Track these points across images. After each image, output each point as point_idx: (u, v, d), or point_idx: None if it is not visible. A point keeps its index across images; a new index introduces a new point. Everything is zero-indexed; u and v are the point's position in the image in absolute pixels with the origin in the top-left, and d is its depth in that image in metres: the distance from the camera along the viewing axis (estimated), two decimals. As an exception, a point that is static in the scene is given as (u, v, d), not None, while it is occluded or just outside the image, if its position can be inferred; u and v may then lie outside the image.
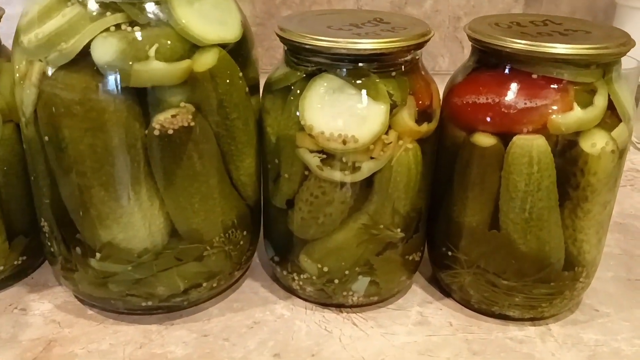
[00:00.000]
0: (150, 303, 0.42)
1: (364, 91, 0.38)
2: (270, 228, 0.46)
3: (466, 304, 0.45)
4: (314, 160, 0.40)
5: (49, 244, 0.42)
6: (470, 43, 0.42)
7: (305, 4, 0.93)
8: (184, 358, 0.40)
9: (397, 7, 0.97)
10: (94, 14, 0.35)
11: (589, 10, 0.99)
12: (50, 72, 0.36)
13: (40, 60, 0.36)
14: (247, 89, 0.40)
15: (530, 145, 0.38)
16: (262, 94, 0.43)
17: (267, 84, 0.42)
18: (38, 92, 0.37)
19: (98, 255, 0.40)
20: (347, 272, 0.43)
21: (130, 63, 0.35)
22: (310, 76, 0.40)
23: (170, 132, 0.37)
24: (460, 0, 0.95)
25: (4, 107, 0.41)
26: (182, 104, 0.37)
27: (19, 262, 0.45)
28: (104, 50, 0.35)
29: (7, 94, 0.41)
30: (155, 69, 0.35)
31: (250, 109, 0.41)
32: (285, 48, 0.41)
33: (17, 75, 0.38)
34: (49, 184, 0.40)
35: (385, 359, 0.40)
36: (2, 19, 0.43)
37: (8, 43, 0.41)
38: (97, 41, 0.35)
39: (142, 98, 0.37)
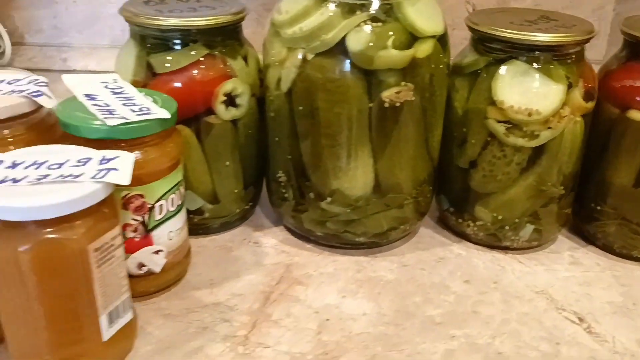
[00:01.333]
0: (359, 239, 0.54)
1: (546, 74, 0.49)
2: (448, 185, 0.56)
3: (609, 249, 0.55)
4: (500, 129, 0.50)
5: (283, 191, 0.54)
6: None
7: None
8: (394, 280, 0.51)
9: (502, 2, 1.06)
10: (346, 13, 0.46)
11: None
12: (310, 57, 0.47)
13: (303, 48, 0.47)
14: (447, 71, 0.51)
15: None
16: (451, 75, 0.53)
17: (457, 68, 0.53)
18: (298, 72, 0.48)
19: (328, 199, 0.51)
20: (517, 220, 0.53)
21: (376, 51, 0.46)
22: (496, 62, 0.50)
23: (398, 104, 0.48)
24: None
25: (252, 84, 0.53)
26: (403, 83, 0.48)
27: (247, 207, 0.58)
28: (357, 41, 0.46)
29: (253, 74, 0.53)
30: (392, 56, 0.46)
31: (446, 87, 0.52)
32: (475, 38, 0.52)
33: (273, 59, 0.50)
34: (290, 143, 0.52)
35: (554, 287, 0.51)
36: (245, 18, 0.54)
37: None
38: (352, 34, 0.46)
39: (369, 78, 0.48)
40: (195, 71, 0.50)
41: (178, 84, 0.50)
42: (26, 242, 0.35)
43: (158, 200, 0.45)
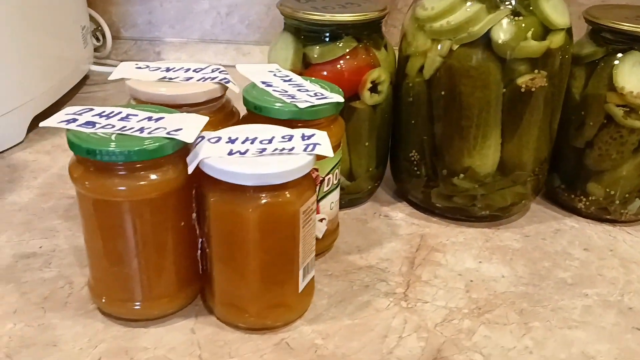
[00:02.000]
0: (483, 213, 0.60)
1: (664, 63, 0.54)
2: (561, 163, 0.62)
3: None
4: (619, 112, 0.56)
5: (415, 169, 0.60)
6: None
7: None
8: (521, 249, 0.57)
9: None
10: (490, 8, 0.52)
11: None
12: (455, 47, 0.53)
13: (449, 39, 0.53)
14: (571, 60, 0.57)
15: None
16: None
17: (575, 57, 0.58)
18: (442, 61, 0.54)
19: (461, 175, 0.57)
20: (627, 195, 0.59)
21: (517, 42, 0.52)
22: (614, 52, 0.56)
23: (533, 89, 0.54)
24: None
25: (391, 72, 0.59)
26: (537, 71, 0.54)
27: (375, 185, 0.64)
28: (502, 33, 0.52)
29: (392, 63, 0.59)
30: (532, 46, 0.52)
31: (568, 75, 0.58)
32: (593, 31, 0.58)
33: (416, 49, 0.56)
34: (426, 125, 0.58)
35: (666, 254, 0.57)
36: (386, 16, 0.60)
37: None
38: (497, 27, 0.52)
39: (504, 65, 0.54)
40: (345, 61, 0.56)
41: (330, 73, 0.56)
42: (254, 204, 0.41)
43: (327, 174, 0.51)
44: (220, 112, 0.50)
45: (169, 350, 0.43)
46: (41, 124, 0.42)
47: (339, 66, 0.56)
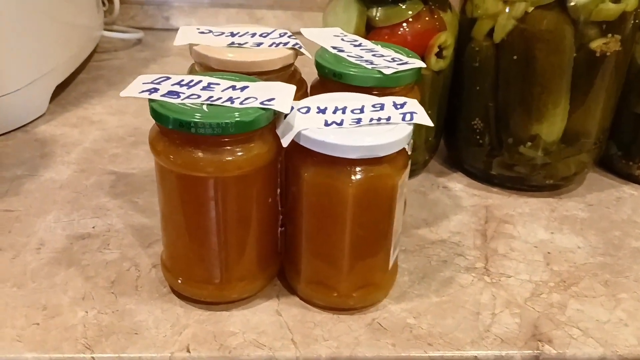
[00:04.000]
0: (547, 182, 0.58)
1: None
2: (619, 130, 0.61)
3: None
4: (690, 77, 0.55)
5: (478, 137, 0.58)
6: None
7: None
8: (588, 218, 0.56)
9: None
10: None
11: None
12: (530, 10, 0.51)
13: (524, 1, 0.51)
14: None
15: None
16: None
17: None
18: (515, 24, 0.52)
19: (528, 143, 0.55)
20: (688, 162, 0.59)
21: (596, 4, 0.50)
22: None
23: (608, 54, 0.52)
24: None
25: (456, 36, 0.56)
26: (610, 35, 0.52)
27: (431, 155, 0.61)
28: (584, -6, 0.50)
29: (456, 27, 0.56)
30: (610, 8, 0.50)
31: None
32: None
33: (485, 12, 0.53)
34: (492, 91, 0.55)
35: None
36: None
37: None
38: (578, -13, 0.50)
39: (575, 29, 0.52)
40: (410, 24, 0.53)
41: (394, 37, 0.53)
42: (354, 177, 0.38)
43: (403, 144, 0.49)
44: (291, 81, 0.47)
45: (259, 334, 0.41)
46: (122, 94, 0.38)
47: (404, 30, 0.53)
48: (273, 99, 0.39)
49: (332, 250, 0.41)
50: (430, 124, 0.41)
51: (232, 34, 0.47)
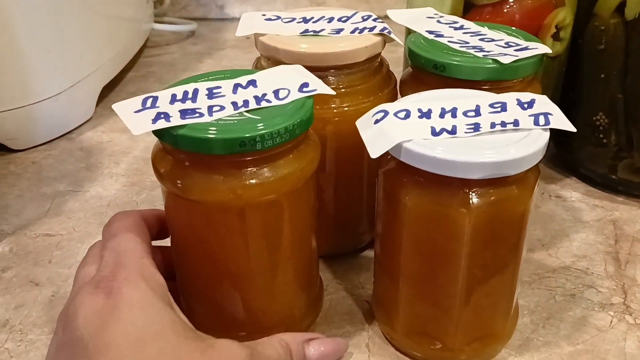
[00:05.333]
0: (689, 189, 0.47)
1: None
2: None
3: None
4: None
5: (601, 136, 0.47)
6: None
7: None
8: None
9: None
10: None
11: None
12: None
13: (673, -36, 0.40)
14: None
15: None
16: None
17: None
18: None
19: (668, 144, 0.45)
20: None
21: None
22: None
23: None
24: None
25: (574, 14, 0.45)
26: None
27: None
28: None
29: (575, 2, 0.45)
30: None
31: None
32: None
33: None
34: (622, 80, 0.45)
35: None
36: None
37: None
38: None
39: None
40: (519, 0, 0.43)
41: (500, 16, 0.43)
42: (474, 203, 0.29)
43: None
44: (376, 75, 0.38)
45: (348, 399, 0.33)
46: (134, 132, 0.29)
47: (512, 7, 0.43)
48: (307, 83, 0.31)
49: (440, 296, 0.32)
50: (572, 129, 0.31)
51: (305, 20, 0.38)
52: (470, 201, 0.29)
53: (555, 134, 0.52)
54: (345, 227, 0.41)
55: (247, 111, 0.30)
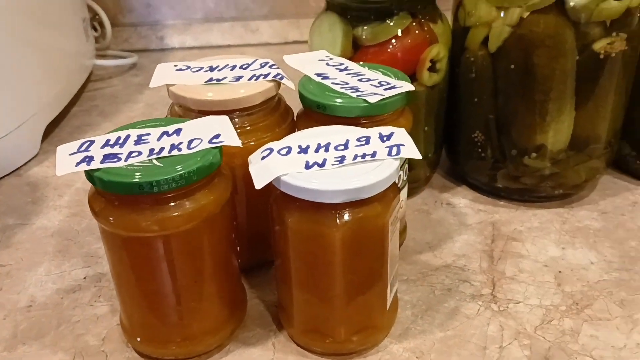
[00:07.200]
0: (556, 192, 0.55)
1: None
2: (632, 130, 0.57)
3: None
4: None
5: (480, 150, 0.55)
6: None
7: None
8: (602, 228, 0.53)
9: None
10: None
11: None
12: (525, 15, 0.48)
13: (519, 7, 0.48)
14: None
15: None
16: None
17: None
18: (511, 31, 0.49)
19: (533, 154, 0.52)
20: None
21: (597, 3, 0.46)
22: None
23: (613, 55, 0.49)
24: None
25: (449, 48, 0.53)
26: (615, 34, 0.48)
27: (432, 171, 0.59)
28: (579, -4, 0.46)
29: (449, 37, 0.53)
30: (613, 7, 0.47)
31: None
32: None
33: (478, 20, 0.50)
34: (491, 102, 0.52)
35: None
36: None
37: None
38: (572, -11, 0.46)
39: (576, 30, 0.48)
40: (399, 40, 0.50)
41: (384, 55, 0.50)
42: (340, 221, 0.36)
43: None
44: (274, 113, 0.45)
45: (254, 388, 0.39)
46: (57, 173, 0.35)
47: (393, 46, 0.50)
48: (219, 135, 0.37)
49: (324, 297, 0.39)
50: (418, 156, 0.38)
51: (211, 69, 0.45)
52: (338, 220, 0.36)
53: (447, 150, 0.60)
54: (257, 241, 0.48)
55: (157, 158, 0.36)
